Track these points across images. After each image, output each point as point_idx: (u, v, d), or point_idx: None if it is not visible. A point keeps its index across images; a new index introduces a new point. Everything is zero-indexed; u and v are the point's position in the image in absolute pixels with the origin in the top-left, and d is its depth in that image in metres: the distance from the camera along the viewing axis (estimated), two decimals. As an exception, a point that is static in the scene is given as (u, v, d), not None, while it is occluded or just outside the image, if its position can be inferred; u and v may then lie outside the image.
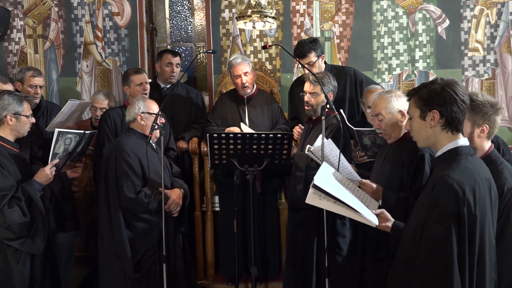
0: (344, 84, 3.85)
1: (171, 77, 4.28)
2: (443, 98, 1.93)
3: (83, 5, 4.81)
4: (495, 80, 4.63)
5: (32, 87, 3.96)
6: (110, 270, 3.20)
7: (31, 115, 3.03)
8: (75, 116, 4.05)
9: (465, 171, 1.87)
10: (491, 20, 4.60)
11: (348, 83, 3.86)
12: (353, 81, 3.87)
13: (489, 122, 2.24)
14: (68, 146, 3.03)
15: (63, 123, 3.89)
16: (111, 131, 3.75)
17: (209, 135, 3.21)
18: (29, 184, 2.88)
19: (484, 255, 1.87)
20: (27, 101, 3.02)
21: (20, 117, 2.96)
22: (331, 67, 3.97)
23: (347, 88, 3.86)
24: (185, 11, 5.21)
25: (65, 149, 3.02)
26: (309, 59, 3.71)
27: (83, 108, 4.17)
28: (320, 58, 3.77)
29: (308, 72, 3.44)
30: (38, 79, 4.00)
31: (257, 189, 3.82)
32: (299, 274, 3.41)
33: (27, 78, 3.95)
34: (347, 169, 2.88)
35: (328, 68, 3.91)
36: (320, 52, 3.78)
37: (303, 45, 3.73)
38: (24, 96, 3.05)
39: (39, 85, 4.00)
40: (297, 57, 3.72)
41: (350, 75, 3.89)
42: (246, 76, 3.87)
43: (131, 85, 3.87)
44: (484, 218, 1.87)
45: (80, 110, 4.12)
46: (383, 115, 2.63)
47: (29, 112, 3.02)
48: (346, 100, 3.86)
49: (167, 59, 4.27)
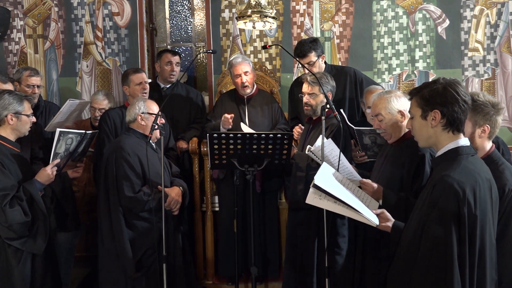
0: (344, 84, 3.85)
1: (170, 76, 4.28)
2: (444, 98, 1.93)
3: (83, 5, 4.81)
4: (495, 80, 4.64)
5: (29, 87, 3.94)
6: (110, 270, 3.20)
7: (31, 114, 3.03)
8: (74, 115, 4.04)
9: (465, 171, 1.87)
10: (491, 20, 4.60)
11: (348, 83, 3.87)
12: (353, 81, 3.88)
13: (490, 122, 2.24)
14: (70, 146, 3.03)
15: (62, 122, 3.88)
16: (111, 131, 3.74)
17: (209, 135, 3.21)
18: (31, 183, 2.88)
19: (484, 255, 1.87)
20: (27, 100, 3.02)
21: (20, 116, 2.96)
22: (331, 67, 3.97)
23: (347, 88, 3.86)
24: (185, 11, 5.21)
25: (66, 149, 3.02)
26: (309, 58, 3.71)
27: (82, 108, 4.16)
28: (320, 58, 3.77)
29: (306, 73, 3.44)
30: (35, 79, 3.97)
31: (257, 189, 3.82)
32: (299, 274, 3.42)
33: (24, 78, 3.92)
34: (347, 168, 2.88)
35: (328, 68, 3.91)
36: (320, 52, 3.78)
37: (303, 44, 3.73)
38: (24, 96, 3.04)
39: (36, 85, 3.97)
40: (297, 56, 3.72)
41: (350, 75, 3.89)
42: (246, 76, 3.87)
43: (130, 84, 3.86)
44: (485, 218, 1.87)
45: (79, 110, 4.11)
46: (383, 115, 2.63)
47: (30, 111, 3.02)
48: (346, 100, 3.86)
49: (167, 58, 4.27)
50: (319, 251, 3.28)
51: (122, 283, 3.17)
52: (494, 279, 1.95)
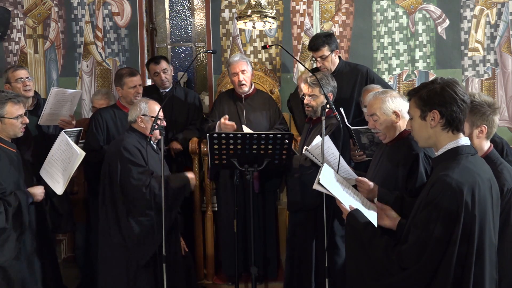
0: (354, 82, 3.84)
1: (163, 84, 4.22)
2: (443, 98, 1.93)
3: (83, 5, 4.82)
4: (495, 80, 4.63)
5: (18, 81, 3.70)
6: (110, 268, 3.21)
7: (20, 115, 2.98)
8: (67, 106, 3.82)
9: (464, 170, 1.87)
10: (491, 20, 4.60)
11: (358, 82, 3.84)
12: (364, 80, 3.85)
13: (487, 122, 2.24)
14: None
15: (54, 115, 3.74)
16: (103, 131, 3.74)
17: (209, 135, 3.21)
18: (23, 194, 2.90)
19: (483, 255, 1.87)
20: (12, 102, 2.94)
21: (3, 119, 2.92)
22: (344, 63, 3.97)
23: (356, 86, 3.85)
24: (185, 11, 5.22)
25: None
26: (322, 52, 3.72)
27: (74, 98, 3.88)
28: (333, 53, 3.78)
29: (305, 74, 3.44)
30: (21, 71, 3.74)
31: (256, 189, 3.82)
32: (298, 274, 3.42)
33: (10, 75, 3.73)
34: (343, 167, 2.89)
35: (342, 64, 3.91)
36: (335, 47, 3.79)
37: (317, 38, 3.75)
38: (9, 97, 2.96)
39: (25, 77, 3.73)
40: (310, 50, 3.77)
41: (362, 74, 3.87)
42: (244, 74, 3.87)
43: (124, 87, 3.77)
44: (484, 218, 1.87)
45: (71, 101, 3.85)
46: (378, 116, 2.63)
47: (17, 112, 2.95)
48: (353, 98, 3.85)
49: (152, 69, 4.20)
50: (317, 251, 3.29)
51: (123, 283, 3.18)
52: (495, 278, 1.95)
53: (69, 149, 3.03)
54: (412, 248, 1.88)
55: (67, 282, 3.78)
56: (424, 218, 1.87)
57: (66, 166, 3.04)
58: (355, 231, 2.15)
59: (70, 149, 3.03)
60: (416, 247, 1.87)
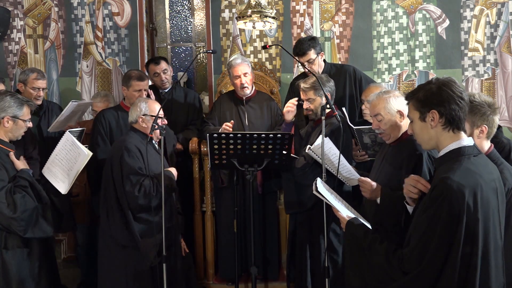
0: (344, 83, 3.86)
1: (163, 85, 4.24)
2: (440, 97, 1.92)
3: (83, 5, 4.82)
4: (495, 80, 4.64)
5: (35, 89, 3.94)
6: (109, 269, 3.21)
7: (29, 120, 3.03)
8: (77, 116, 4.05)
9: (466, 172, 1.84)
10: (491, 20, 4.60)
11: (348, 82, 3.87)
12: (352, 79, 3.88)
13: (487, 122, 2.24)
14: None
15: (64, 122, 3.89)
16: (106, 132, 3.74)
17: (209, 135, 3.21)
18: (22, 172, 2.93)
19: (488, 257, 1.84)
20: (27, 106, 3.02)
21: (17, 120, 2.96)
22: (330, 65, 3.98)
23: (347, 87, 3.86)
24: (185, 11, 5.22)
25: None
26: (309, 56, 3.72)
27: (84, 108, 4.16)
28: (319, 55, 3.78)
29: (299, 81, 3.47)
30: (42, 82, 3.97)
31: (259, 191, 3.83)
32: (298, 274, 3.42)
33: (30, 80, 3.92)
34: (345, 166, 2.89)
35: (327, 66, 3.92)
36: (319, 50, 3.79)
37: (302, 43, 3.74)
38: (26, 100, 3.04)
39: (42, 88, 3.98)
40: (297, 55, 3.73)
41: (350, 73, 3.89)
42: (246, 77, 3.87)
43: (130, 89, 3.82)
44: (488, 220, 1.84)
45: (82, 110, 4.11)
46: (382, 116, 2.63)
47: (28, 116, 3.02)
48: (346, 98, 3.86)
49: (152, 70, 4.22)
50: (315, 252, 3.30)
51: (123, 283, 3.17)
52: (502, 281, 1.91)
53: (75, 149, 3.05)
54: (413, 252, 1.86)
55: (67, 282, 3.79)
56: (425, 221, 1.85)
57: (71, 165, 3.05)
58: (355, 238, 2.13)
59: (77, 149, 3.05)
60: (417, 251, 1.85)
